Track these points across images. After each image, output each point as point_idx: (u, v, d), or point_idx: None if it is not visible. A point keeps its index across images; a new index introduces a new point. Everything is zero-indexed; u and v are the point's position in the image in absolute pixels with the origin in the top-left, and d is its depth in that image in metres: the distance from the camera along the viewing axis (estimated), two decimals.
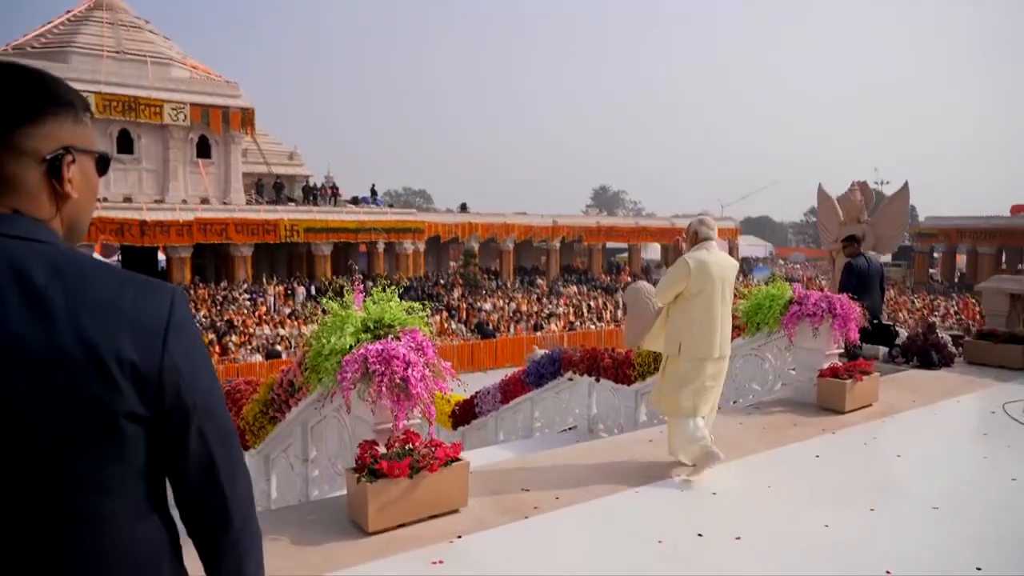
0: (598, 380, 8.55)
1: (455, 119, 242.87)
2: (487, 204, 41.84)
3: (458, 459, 3.81)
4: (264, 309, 26.56)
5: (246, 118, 30.76)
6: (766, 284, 6.89)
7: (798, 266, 64.19)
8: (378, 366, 3.65)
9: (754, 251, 69.59)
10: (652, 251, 53.25)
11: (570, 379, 9.00)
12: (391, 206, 39.86)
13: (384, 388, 3.63)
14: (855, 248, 8.24)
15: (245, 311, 25.28)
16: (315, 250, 32.22)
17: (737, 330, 6.87)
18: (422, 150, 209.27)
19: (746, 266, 52.69)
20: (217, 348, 21.06)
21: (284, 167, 36.47)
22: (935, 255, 48.39)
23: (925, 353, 8.10)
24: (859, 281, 7.80)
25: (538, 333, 25.38)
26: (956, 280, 43.87)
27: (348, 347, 3.81)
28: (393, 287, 4.27)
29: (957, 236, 43.24)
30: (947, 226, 44.13)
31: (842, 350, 6.52)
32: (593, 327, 27.40)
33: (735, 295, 5.27)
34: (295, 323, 24.02)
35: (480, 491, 4.06)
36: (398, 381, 3.65)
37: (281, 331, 22.86)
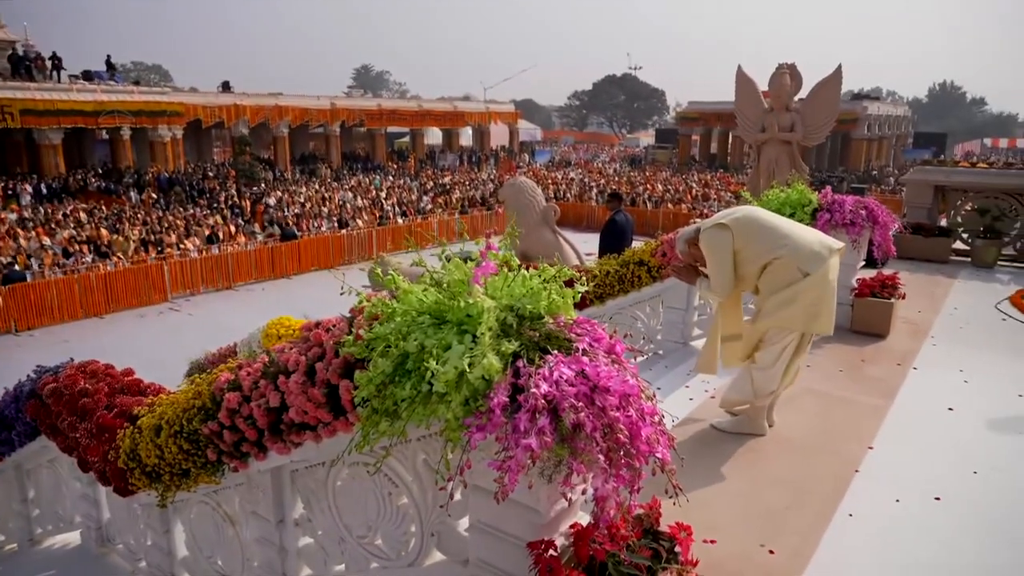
0: None
1: None
2: (237, 85, 36.01)
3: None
4: None
5: None
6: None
7: (569, 148, 66.04)
8: (586, 417, 1.80)
9: (525, 134, 70.31)
10: (434, 136, 51.18)
11: None
12: (136, 83, 32.92)
13: (602, 456, 1.82)
14: (617, 204, 8.72)
15: None
16: (39, 138, 25.70)
17: None
18: (152, 19, 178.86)
19: (527, 149, 52.91)
20: None
21: None
22: (693, 138, 52.14)
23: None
24: (621, 234, 8.23)
25: (344, 231, 22.76)
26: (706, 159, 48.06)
27: (495, 375, 1.87)
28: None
29: (715, 119, 46.78)
30: (706, 110, 47.52)
31: (864, 263, 5.68)
32: (401, 221, 25.28)
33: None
34: (31, 233, 18.86)
35: None
36: (623, 439, 1.85)
37: (20, 243, 17.76)
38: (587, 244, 14.09)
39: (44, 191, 24.48)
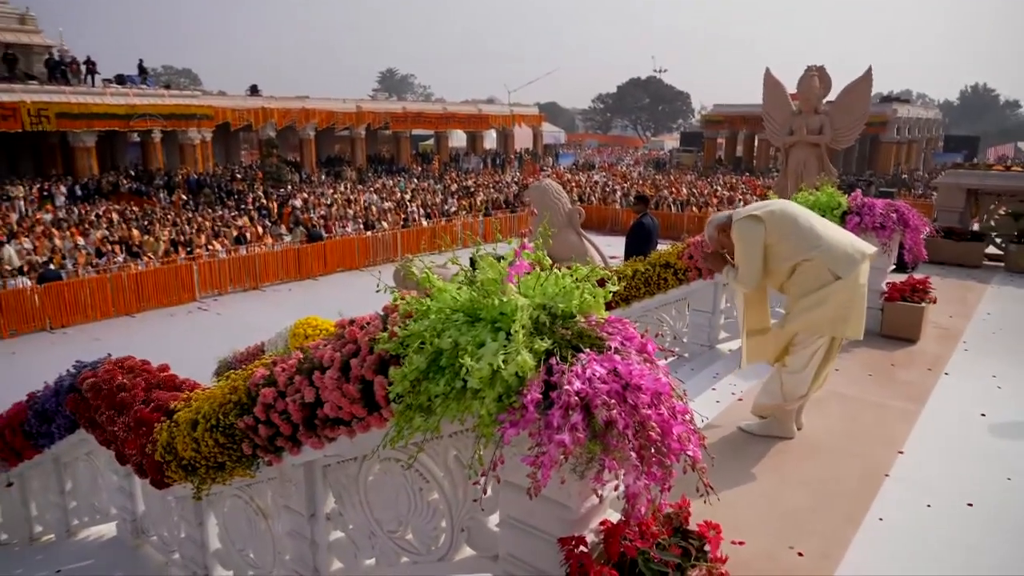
0: None
1: None
2: (264, 89, 36.43)
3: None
4: (15, 217, 21.16)
5: None
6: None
7: (593, 151, 65.83)
8: (619, 414, 1.83)
9: (549, 137, 70.19)
10: (458, 139, 51.35)
11: None
12: (167, 87, 33.52)
13: (633, 453, 1.84)
14: (643, 207, 8.73)
15: None
16: (74, 141, 26.24)
17: None
18: (181, 24, 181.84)
19: (551, 152, 52.91)
20: None
21: (14, 34, 28.68)
22: (719, 141, 51.70)
23: None
24: (648, 237, 8.23)
25: (369, 233, 22.95)
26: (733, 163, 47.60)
27: (529, 372, 1.91)
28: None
29: (740, 122, 46.41)
30: (732, 113, 47.17)
31: (894, 267, 5.62)
32: (426, 223, 25.42)
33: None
34: (66, 233, 19.27)
35: None
36: (654, 436, 1.87)
37: (55, 243, 18.15)
38: (611, 247, 14.06)
39: (78, 192, 25.01)
